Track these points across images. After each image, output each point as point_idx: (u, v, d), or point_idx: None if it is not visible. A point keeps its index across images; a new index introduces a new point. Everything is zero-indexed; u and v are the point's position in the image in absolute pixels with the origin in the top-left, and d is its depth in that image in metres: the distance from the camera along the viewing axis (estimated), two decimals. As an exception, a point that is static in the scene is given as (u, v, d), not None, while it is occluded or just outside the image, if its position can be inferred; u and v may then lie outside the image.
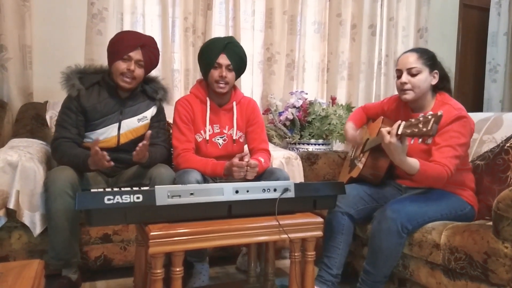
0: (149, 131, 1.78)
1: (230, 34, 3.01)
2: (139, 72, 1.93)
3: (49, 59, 2.61)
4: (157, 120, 2.07)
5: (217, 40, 1.99)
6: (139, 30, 2.82)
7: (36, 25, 2.60)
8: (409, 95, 1.75)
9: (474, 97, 4.25)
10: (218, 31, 3.01)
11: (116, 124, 1.95)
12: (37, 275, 1.14)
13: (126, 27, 2.78)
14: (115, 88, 1.95)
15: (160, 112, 2.09)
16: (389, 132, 1.56)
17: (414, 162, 1.61)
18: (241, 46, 2.01)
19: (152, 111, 2.05)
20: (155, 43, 2.01)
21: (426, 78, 1.74)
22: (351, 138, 2.02)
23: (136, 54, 1.90)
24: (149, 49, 1.94)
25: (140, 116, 2.01)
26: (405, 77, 1.75)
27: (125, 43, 1.89)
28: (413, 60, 1.74)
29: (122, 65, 1.89)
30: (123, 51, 1.88)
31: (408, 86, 1.74)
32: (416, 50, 1.81)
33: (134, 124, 1.99)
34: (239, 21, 3.02)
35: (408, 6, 3.61)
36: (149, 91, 2.05)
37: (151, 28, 2.89)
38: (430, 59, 1.76)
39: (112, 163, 1.75)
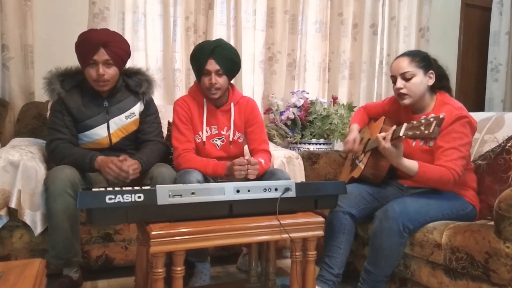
0: (123, 156, 1.79)
1: (231, 34, 3.02)
2: (110, 72, 1.84)
3: (51, 59, 2.60)
4: (147, 115, 2.02)
5: (204, 45, 1.92)
6: (141, 29, 2.83)
7: (38, 25, 2.60)
8: (407, 100, 1.75)
9: (475, 97, 4.24)
10: (220, 30, 3.01)
11: (105, 125, 1.93)
12: (38, 274, 1.14)
13: (128, 27, 2.78)
14: (95, 89, 1.90)
15: (149, 107, 2.04)
16: (384, 138, 1.60)
17: (412, 165, 1.63)
18: (231, 47, 1.95)
19: (139, 107, 2.01)
20: (119, 37, 1.90)
21: (421, 81, 1.73)
22: (352, 140, 1.97)
23: (101, 56, 1.80)
24: (113, 46, 1.83)
25: (127, 113, 1.97)
26: (400, 83, 1.74)
27: (86, 46, 1.80)
28: (405, 65, 1.73)
29: (91, 71, 1.82)
30: (87, 55, 1.80)
31: (404, 91, 1.74)
32: (408, 53, 1.79)
33: (122, 121, 1.96)
34: (240, 20, 3.02)
35: (410, 5, 3.60)
36: (132, 85, 1.99)
37: (152, 28, 2.89)
38: (423, 60, 1.74)
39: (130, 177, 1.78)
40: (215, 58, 1.86)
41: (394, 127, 1.63)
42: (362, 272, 1.69)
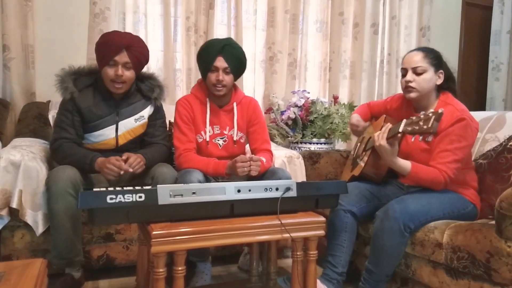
0: (126, 154, 1.80)
1: (232, 33, 3.02)
2: (128, 74, 1.86)
3: (52, 59, 2.61)
4: (155, 119, 2.04)
5: (214, 42, 1.95)
6: (141, 29, 2.82)
7: (39, 25, 2.60)
8: (414, 94, 1.75)
9: (477, 96, 4.24)
10: (220, 30, 3.01)
11: (113, 126, 1.94)
12: (40, 274, 1.14)
13: (128, 27, 2.78)
14: (108, 91, 1.91)
15: (158, 111, 2.06)
16: (380, 135, 1.62)
17: (405, 165, 1.65)
18: (240, 47, 1.97)
19: (149, 110, 2.02)
20: (141, 42, 1.93)
21: (431, 78, 1.74)
22: (356, 122, 2.04)
23: (122, 57, 1.82)
24: (135, 50, 1.85)
25: (136, 116, 1.98)
26: (410, 76, 1.75)
27: (109, 47, 1.82)
28: (418, 59, 1.74)
29: (109, 71, 1.83)
30: (108, 56, 1.82)
31: (413, 85, 1.74)
32: (422, 49, 1.81)
33: (131, 124, 1.97)
34: (241, 20, 3.02)
35: (411, 4, 3.59)
36: (145, 89, 2.01)
37: (153, 28, 2.89)
38: (435, 59, 1.76)
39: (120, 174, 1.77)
40: (224, 56, 1.88)
41: (389, 125, 1.64)
42: (364, 272, 1.69)
